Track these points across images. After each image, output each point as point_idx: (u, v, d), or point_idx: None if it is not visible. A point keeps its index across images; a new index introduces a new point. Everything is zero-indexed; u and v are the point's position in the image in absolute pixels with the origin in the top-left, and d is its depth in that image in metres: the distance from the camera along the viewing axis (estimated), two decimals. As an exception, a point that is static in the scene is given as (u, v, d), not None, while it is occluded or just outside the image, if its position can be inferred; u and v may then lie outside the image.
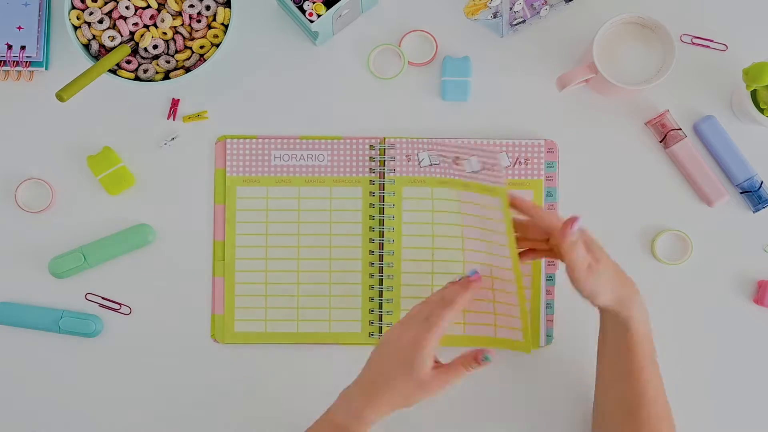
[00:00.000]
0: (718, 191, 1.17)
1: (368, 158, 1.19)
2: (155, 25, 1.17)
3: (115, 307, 1.19)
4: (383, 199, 1.18)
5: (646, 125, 1.19)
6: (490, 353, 1.01)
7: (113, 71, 1.15)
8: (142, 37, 1.16)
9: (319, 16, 1.12)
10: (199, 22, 1.16)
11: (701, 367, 1.18)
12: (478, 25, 1.20)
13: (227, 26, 1.15)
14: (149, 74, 1.16)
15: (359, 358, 1.17)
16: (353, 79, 1.20)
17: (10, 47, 1.18)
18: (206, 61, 1.15)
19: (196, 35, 1.17)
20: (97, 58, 1.16)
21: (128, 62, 1.16)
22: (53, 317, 1.18)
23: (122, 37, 1.16)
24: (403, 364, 1.00)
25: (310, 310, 1.18)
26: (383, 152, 1.18)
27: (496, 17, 1.14)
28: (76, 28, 1.16)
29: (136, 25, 1.16)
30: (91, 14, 1.15)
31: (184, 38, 1.17)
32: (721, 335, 1.18)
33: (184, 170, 1.20)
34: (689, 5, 1.19)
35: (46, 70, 1.20)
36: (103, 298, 1.19)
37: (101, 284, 1.19)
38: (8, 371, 1.18)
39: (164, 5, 1.16)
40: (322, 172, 1.19)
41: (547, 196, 1.18)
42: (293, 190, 1.19)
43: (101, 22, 1.15)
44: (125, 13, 1.15)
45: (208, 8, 1.16)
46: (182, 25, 1.17)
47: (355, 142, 1.19)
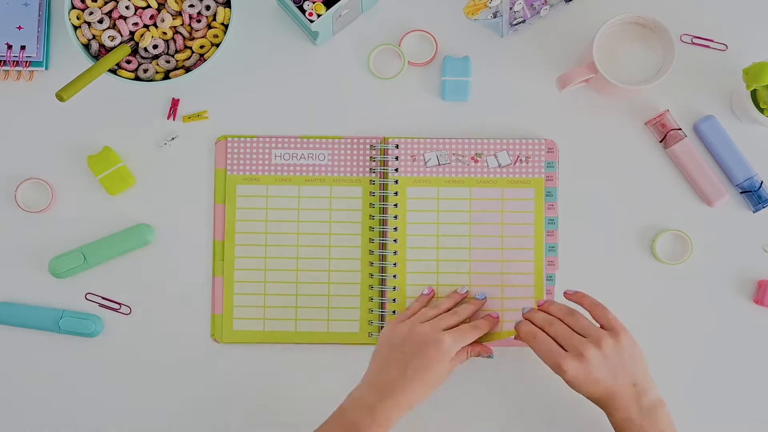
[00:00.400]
0: (718, 191, 1.17)
1: (368, 158, 1.19)
2: (155, 25, 1.17)
3: (115, 307, 1.19)
4: (383, 199, 1.18)
5: (646, 125, 1.19)
6: (491, 354, 1.12)
7: (113, 71, 1.15)
8: (142, 37, 1.16)
9: (319, 16, 1.12)
10: (199, 22, 1.16)
11: (701, 367, 1.18)
12: (478, 25, 1.20)
13: (227, 26, 1.15)
14: (149, 74, 1.16)
15: (358, 357, 1.17)
16: (353, 79, 1.20)
17: (10, 47, 1.18)
18: (206, 61, 1.15)
19: (196, 35, 1.17)
20: (97, 58, 1.16)
21: (128, 62, 1.16)
22: (53, 317, 1.18)
23: (122, 37, 1.16)
24: (426, 370, 1.05)
25: (309, 309, 1.18)
26: (383, 152, 1.18)
27: (496, 17, 1.14)
28: (76, 28, 1.16)
29: (136, 25, 1.16)
30: (91, 14, 1.15)
31: (184, 38, 1.17)
32: (721, 335, 1.18)
33: (184, 170, 1.20)
34: (689, 5, 1.19)
35: (46, 70, 1.20)
36: (103, 298, 1.19)
37: (101, 284, 1.19)
38: (8, 371, 1.18)
39: (164, 5, 1.16)
40: (322, 171, 1.19)
41: (547, 196, 1.18)
42: (293, 189, 1.19)
43: (101, 22, 1.15)
44: (125, 13, 1.15)
45: (208, 8, 1.16)
46: (182, 25, 1.17)
47: (355, 142, 1.19)
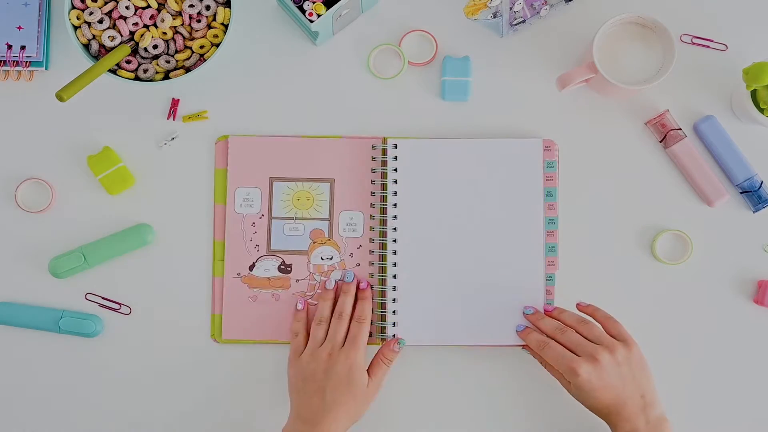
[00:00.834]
0: (718, 191, 1.17)
1: (369, 158, 1.19)
2: (155, 25, 1.17)
3: (115, 307, 1.19)
4: (384, 199, 1.18)
5: (646, 125, 1.19)
6: (402, 338, 1.13)
7: (113, 71, 1.15)
8: (142, 37, 1.16)
9: (319, 16, 1.12)
10: (199, 22, 1.16)
11: (701, 367, 1.18)
12: (478, 25, 1.20)
13: (227, 26, 1.15)
14: (149, 74, 1.16)
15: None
16: (353, 79, 1.20)
17: (10, 47, 1.18)
18: (206, 61, 1.15)
19: (196, 35, 1.17)
20: (97, 58, 1.16)
21: (128, 62, 1.16)
22: (53, 317, 1.18)
23: (122, 37, 1.16)
24: (344, 388, 1.07)
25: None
26: (384, 152, 1.18)
27: (496, 17, 1.14)
28: (76, 28, 1.16)
29: (136, 25, 1.16)
30: (91, 14, 1.15)
31: (184, 38, 1.17)
32: (721, 335, 1.18)
33: (184, 170, 1.20)
34: (689, 5, 1.19)
35: (46, 70, 1.20)
36: (103, 298, 1.19)
37: (101, 284, 1.19)
38: (8, 371, 1.18)
39: (164, 5, 1.17)
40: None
41: (547, 196, 1.18)
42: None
43: (101, 22, 1.15)
44: (125, 13, 1.15)
45: (208, 8, 1.16)
46: (182, 25, 1.17)
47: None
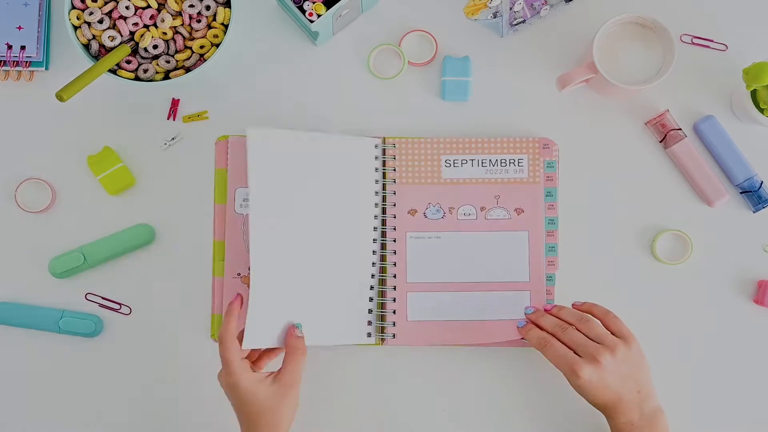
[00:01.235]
0: (718, 191, 1.17)
1: (370, 158, 1.19)
2: (155, 25, 1.17)
3: (115, 307, 1.19)
4: (384, 198, 1.18)
5: (646, 125, 1.19)
6: (294, 324, 1.11)
7: (113, 71, 1.15)
8: (142, 37, 1.16)
9: (319, 16, 1.12)
10: (199, 22, 1.16)
11: (701, 367, 1.18)
12: (478, 25, 1.20)
13: (227, 26, 1.15)
14: (149, 74, 1.16)
15: (358, 357, 1.17)
16: (353, 79, 1.20)
17: (10, 47, 1.18)
18: (206, 61, 1.15)
19: (196, 35, 1.17)
20: (97, 58, 1.16)
21: (128, 62, 1.16)
22: (53, 317, 1.18)
23: (122, 37, 1.16)
24: (241, 405, 1.07)
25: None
26: (384, 152, 1.18)
27: (496, 17, 1.14)
28: (76, 28, 1.16)
29: (136, 25, 1.16)
30: (91, 14, 1.15)
31: (184, 38, 1.17)
32: (721, 335, 1.18)
33: (184, 170, 1.20)
34: (689, 5, 1.19)
35: (46, 70, 1.20)
36: (103, 298, 1.19)
37: (101, 284, 1.19)
38: (8, 371, 1.18)
39: (164, 5, 1.16)
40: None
41: (547, 196, 1.18)
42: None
43: (101, 22, 1.15)
44: (125, 13, 1.15)
45: (208, 8, 1.16)
46: (182, 25, 1.17)
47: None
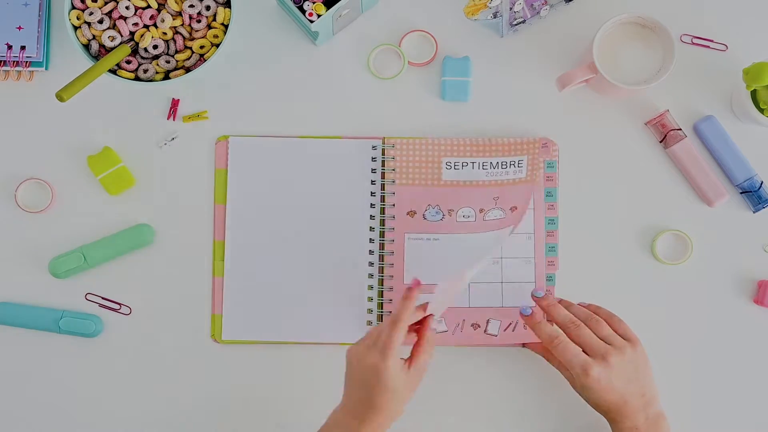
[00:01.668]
0: (718, 191, 1.17)
1: (370, 158, 1.19)
2: (155, 25, 1.17)
3: (115, 307, 1.19)
4: (383, 199, 1.18)
5: (646, 125, 1.19)
6: (433, 314, 1.05)
7: (113, 71, 1.15)
8: (142, 37, 1.16)
9: (319, 16, 1.12)
10: (199, 22, 1.16)
11: (701, 367, 1.18)
12: (478, 25, 1.20)
13: (227, 26, 1.15)
14: (149, 74, 1.16)
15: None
16: (353, 79, 1.20)
17: (10, 47, 1.18)
18: (206, 61, 1.15)
19: (196, 35, 1.17)
20: (97, 58, 1.16)
21: (128, 62, 1.16)
22: (53, 317, 1.18)
23: (122, 37, 1.16)
24: (375, 388, 1.02)
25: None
26: (383, 152, 1.18)
27: (496, 17, 1.14)
28: (76, 28, 1.16)
29: (136, 25, 1.16)
30: (91, 14, 1.15)
31: (184, 38, 1.17)
32: (721, 335, 1.18)
33: (184, 170, 1.20)
34: (689, 5, 1.19)
35: (46, 70, 1.20)
36: (103, 298, 1.19)
37: (101, 284, 1.19)
38: (8, 371, 1.18)
39: (164, 5, 1.16)
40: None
41: (547, 196, 1.18)
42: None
43: (101, 22, 1.15)
44: (125, 13, 1.15)
45: (208, 8, 1.16)
46: (182, 25, 1.17)
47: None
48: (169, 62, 1.16)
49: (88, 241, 1.19)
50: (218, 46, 1.15)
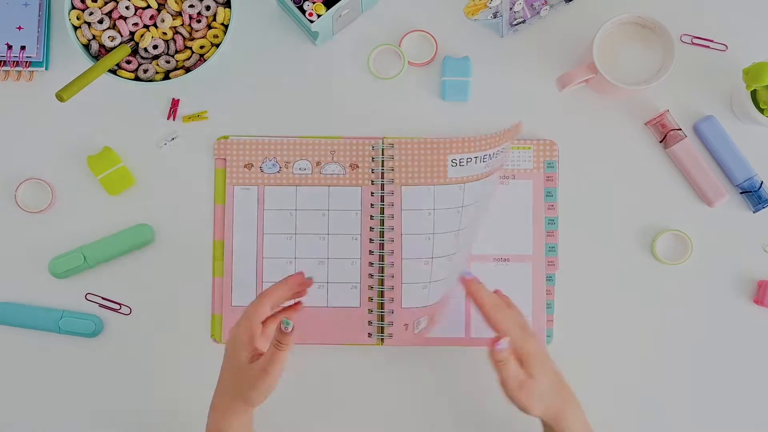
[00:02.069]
0: (718, 191, 1.17)
1: (369, 158, 1.19)
2: (155, 25, 1.17)
3: (115, 307, 1.19)
4: (383, 199, 1.18)
5: (646, 125, 1.19)
6: (290, 319, 1.00)
7: (113, 71, 1.15)
8: (142, 37, 1.16)
9: (319, 16, 1.12)
10: (199, 22, 1.16)
11: (701, 367, 1.18)
12: (478, 25, 1.20)
13: (227, 26, 1.15)
14: (149, 74, 1.16)
15: (358, 357, 1.17)
16: (353, 79, 1.20)
17: (10, 47, 1.18)
18: (206, 61, 1.15)
19: (196, 35, 1.17)
20: (97, 58, 1.16)
21: (128, 62, 1.16)
22: (53, 317, 1.18)
23: (122, 37, 1.16)
24: (227, 361, 1.04)
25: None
26: (383, 152, 1.18)
27: (496, 17, 1.14)
28: (76, 28, 1.16)
29: (136, 25, 1.16)
30: (91, 14, 1.15)
31: (184, 38, 1.17)
32: (721, 335, 1.18)
33: (184, 170, 1.20)
34: (689, 5, 1.19)
35: (46, 70, 1.20)
36: (103, 298, 1.19)
37: (101, 284, 1.19)
38: (8, 371, 1.18)
39: (164, 5, 1.17)
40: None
41: (547, 196, 1.18)
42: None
43: (101, 22, 1.15)
44: (125, 13, 1.15)
45: (208, 8, 1.16)
46: (182, 25, 1.17)
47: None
48: (169, 62, 1.16)
49: (88, 241, 1.19)
50: (218, 46, 1.15)
